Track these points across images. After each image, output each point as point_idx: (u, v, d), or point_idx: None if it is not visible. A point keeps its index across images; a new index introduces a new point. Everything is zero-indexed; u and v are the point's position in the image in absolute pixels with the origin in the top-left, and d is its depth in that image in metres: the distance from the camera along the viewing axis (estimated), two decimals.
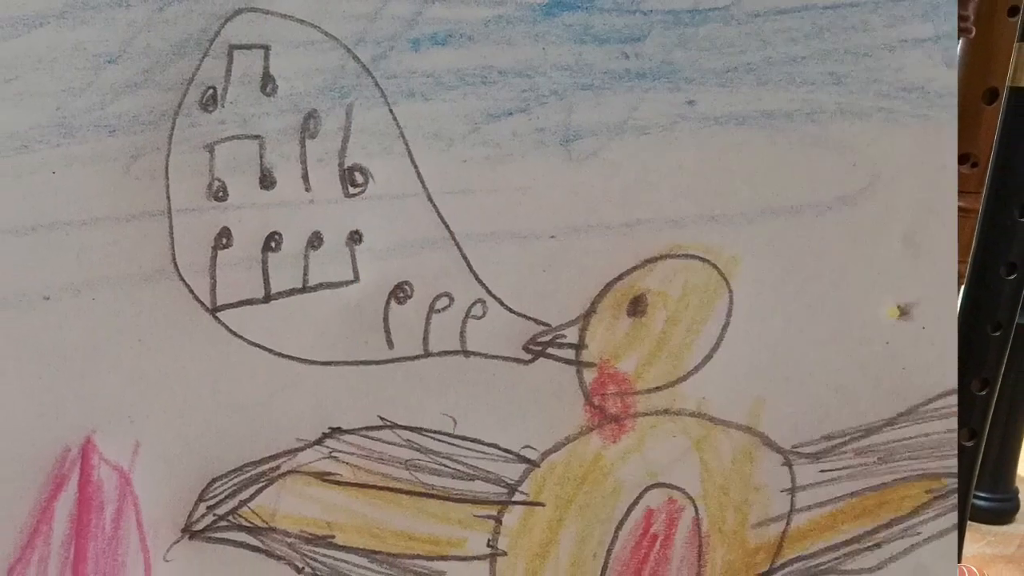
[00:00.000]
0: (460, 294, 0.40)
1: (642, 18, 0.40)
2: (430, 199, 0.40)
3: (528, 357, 0.40)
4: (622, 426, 0.40)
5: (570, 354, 0.40)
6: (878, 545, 0.41)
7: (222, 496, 0.40)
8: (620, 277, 0.40)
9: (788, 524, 0.40)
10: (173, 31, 0.39)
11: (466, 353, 0.40)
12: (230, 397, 0.40)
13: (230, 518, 0.40)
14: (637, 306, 0.40)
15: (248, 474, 0.40)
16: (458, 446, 0.40)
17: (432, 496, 0.40)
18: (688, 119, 0.40)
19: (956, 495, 0.39)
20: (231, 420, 0.40)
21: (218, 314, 0.40)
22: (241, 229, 0.40)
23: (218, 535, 0.40)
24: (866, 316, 0.41)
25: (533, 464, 0.40)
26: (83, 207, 0.40)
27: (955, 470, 0.40)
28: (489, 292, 0.40)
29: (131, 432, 0.40)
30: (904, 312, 0.41)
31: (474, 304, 0.40)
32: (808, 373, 0.40)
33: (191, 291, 0.40)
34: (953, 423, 0.39)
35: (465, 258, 0.40)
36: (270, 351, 0.40)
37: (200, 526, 0.40)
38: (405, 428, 0.40)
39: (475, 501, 0.40)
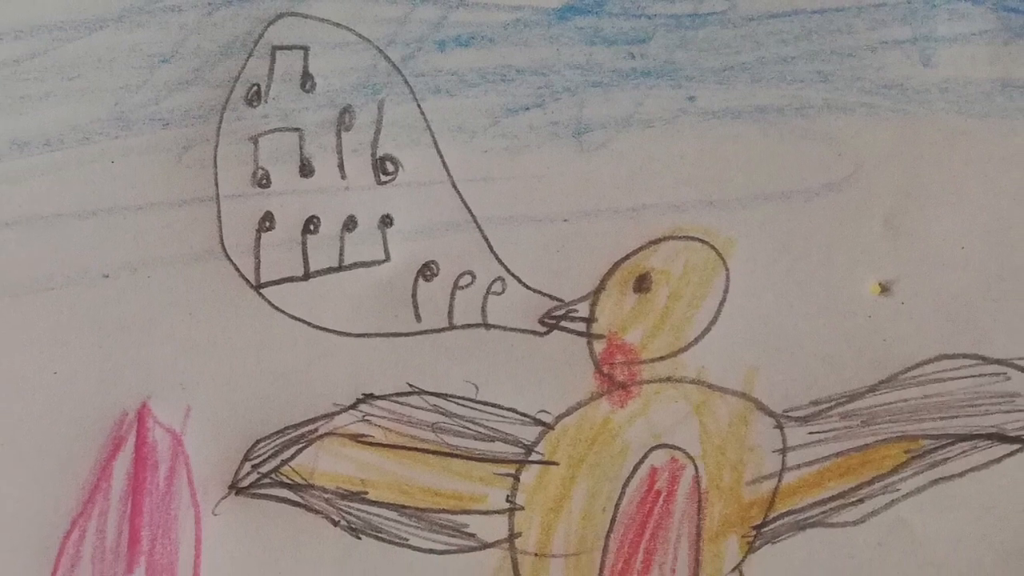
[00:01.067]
0: (481, 272, 0.42)
1: (647, 21, 0.42)
2: (454, 186, 0.42)
3: (543, 330, 0.42)
4: (629, 392, 0.42)
5: (581, 327, 0.42)
6: (861, 500, 0.42)
7: (265, 456, 0.42)
8: (627, 257, 0.42)
9: (779, 481, 0.42)
10: (221, 33, 0.42)
11: (487, 326, 0.42)
12: (272, 366, 0.42)
13: (272, 476, 0.42)
14: (642, 283, 0.42)
15: (289, 436, 0.42)
16: (480, 410, 0.42)
17: (456, 456, 0.42)
18: (688, 113, 0.42)
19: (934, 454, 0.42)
20: (273, 387, 0.42)
21: (262, 291, 0.42)
22: (283, 213, 0.42)
23: (261, 491, 0.42)
24: (850, 292, 0.42)
25: (548, 427, 0.42)
26: (139, 193, 0.42)
27: (933, 432, 0.42)
28: (508, 270, 0.42)
29: (183, 398, 0.42)
30: (885, 289, 0.43)
31: (494, 281, 0.42)
32: (798, 344, 0.42)
33: (237, 270, 0.42)
34: (930, 389, 0.42)
35: (486, 239, 0.42)
36: (309, 324, 0.42)
37: (245, 483, 0.42)
38: (431, 394, 0.42)
39: (495, 460, 0.42)
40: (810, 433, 0.43)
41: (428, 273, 0.43)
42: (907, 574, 0.43)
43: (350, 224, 0.42)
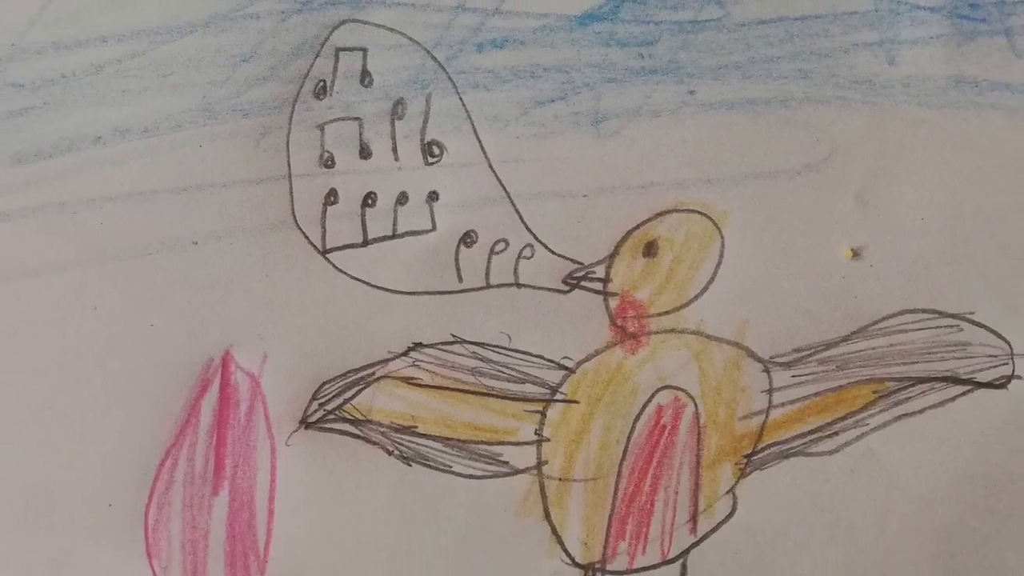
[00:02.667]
0: (514, 240, 0.46)
1: (654, 27, 0.45)
2: (491, 167, 0.45)
3: (566, 288, 0.46)
4: (639, 342, 0.46)
5: (598, 286, 0.46)
6: (836, 433, 0.46)
7: (330, 395, 0.46)
8: (637, 226, 0.46)
9: (767, 417, 0.46)
10: (293, 37, 0.45)
11: (518, 285, 0.46)
12: (336, 319, 0.45)
13: (336, 412, 0.46)
14: (650, 249, 0.45)
15: (350, 379, 0.46)
16: (512, 357, 0.46)
17: (492, 395, 0.46)
18: (690, 105, 0.45)
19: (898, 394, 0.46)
20: (337, 337, 0.45)
21: (327, 255, 0.45)
22: (345, 190, 0.45)
23: (327, 426, 0.46)
24: (827, 257, 0.46)
25: (570, 371, 0.46)
26: (223, 172, 0.45)
27: (896, 375, 0.46)
28: (536, 238, 0.46)
29: (260, 346, 0.46)
30: (856, 254, 0.46)
31: (524, 247, 0.46)
32: (782, 300, 0.45)
33: (306, 237, 0.45)
34: (895, 339, 0.45)
35: (517, 212, 0.45)
36: (367, 284, 0.46)
37: (313, 419, 0.46)
38: (471, 343, 0.46)
39: (525, 399, 0.46)
40: (793, 376, 0.46)
41: (468, 240, 0.46)
42: (875, 496, 0.46)
43: (402, 199, 0.45)
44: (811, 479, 0.46)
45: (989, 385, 0.46)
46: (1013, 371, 0.46)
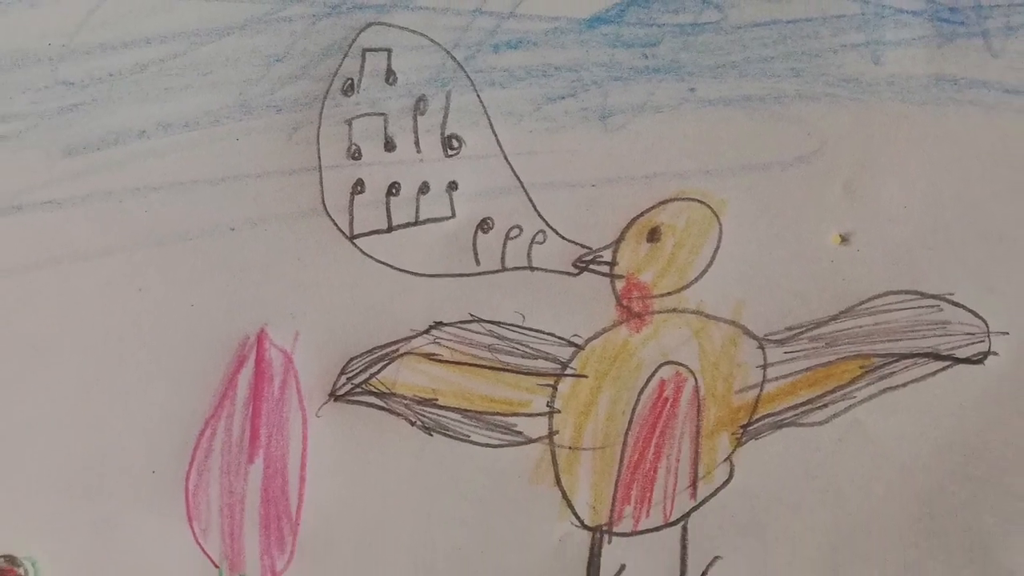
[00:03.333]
0: (527, 226, 0.47)
1: (657, 29, 0.47)
2: (506, 158, 0.47)
3: (576, 271, 0.47)
4: (643, 320, 0.47)
5: (605, 269, 0.47)
6: (825, 405, 0.47)
7: (357, 370, 0.48)
8: (642, 214, 0.47)
9: (761, 390, 0.47)
10: (323, 38, 0.47)
11: (531, 268, 0.47)
12: (363, 299, 0.47)
13: (363, 386, 0.48)
14: (654, 234, 0.47)
15: (376, 355, 0.48)
16: (526, 334, 0.48)
17: (507, 370, 0.47)
18: (690, 101, 0.47)
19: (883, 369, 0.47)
20: (363, 316, 0.47)
21: (355, 240, 0.47)
22: (371, 180, 0.47)
23: (354, 398, 0.48)
24: (817, 242, 0.47)
25: (579, 347, 0.47)
26: (258, 164, 0.47)
27: (881, 352, 0.47)
28: (548, 224, 0.47)
29: (292, 325, 0.47)
30: (844, 239, 0.47)
31: (537, 233, 0.47)
32: (775, 282, 0.47)
33: (335, 224, 0.47)
34: (880, 318, 0.47)
35: (531, 200, 0.47)
36: (391, 267, 0.47)
37: (341, 391, 0.48)
38: (488, 322, 0.47)
39: (538, 374, 0.47)
40: (785, 352, 0.47)
41: (485, 227, 0.47)
42: (861, 464, 0.47)
43: (424, 188, 0.47)
44: (802, 448, 0.48)
45: (967, 361, 0.47)
46: (989, 348, 0.47)
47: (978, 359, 0.47)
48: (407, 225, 0.47)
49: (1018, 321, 0.47)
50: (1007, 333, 0.47)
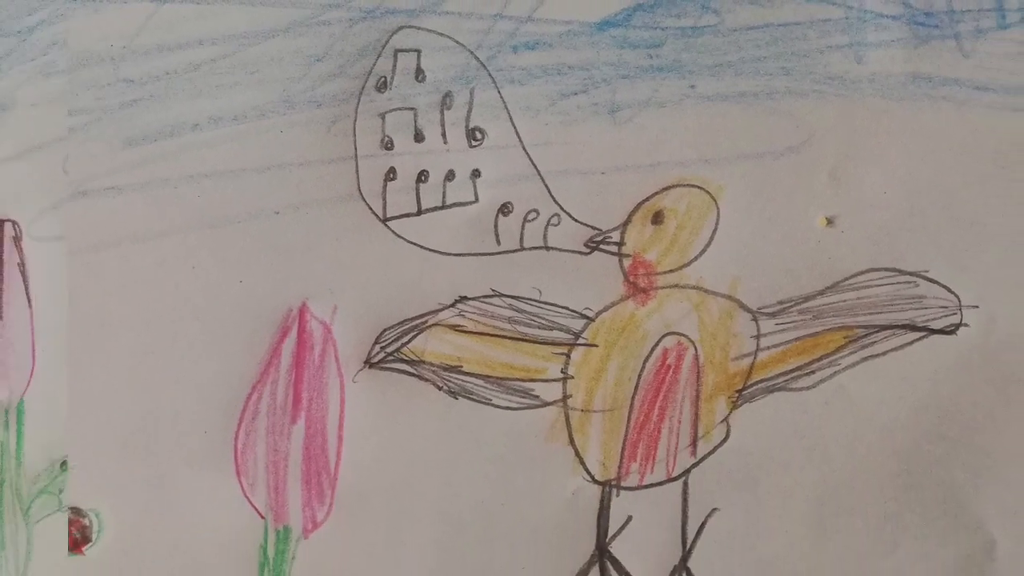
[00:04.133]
0: (543, 210, 0.49)
1: (661, 32, 0.49)
2: (524, 149, 0.49)
3: (587, 250, 0.49)
4: (648, 295, 0.49)
5: (614, 249, 0.49)
6: (812, 372, 0.49)
7: (389, 340, 0.50)
8: (647, 198, 0.49)
9: (755, 358, 0.49)
10: (358, 40, 0.49)
11: (547, 248, 0.49)
12: (394, 276, 0.49)
13: (394, 354, 0.50)
14: (658, 217, 0.49)
15: (406, 326, 0.50)
16: (542, 308, 0.49)
17: (525, 340, 0.49)
18: (691, 97, 0.49)
19: (865, 339, 0.48)
20: (395, 291, 0.49)
21: (387, 223, 0.49)
22: (402, 168, 0.49)
23: (386, 365, 0.50)
24: (805, 225, 0.49)
25: (590, 319, 0.49)
26: (300, 154, 0.49)
27: (864, 323, 0.48)
28: (562, 208, 0.49)
29: (331, 299, 0.50)
30: (830, 222, 0.49)
31: (552, 216, 0.49)
32: (767, 261, 0.49)
33: (370, 208, 0.49)
34: (862, 293, 0.48)
35: (547, 186, 0.49)
36: (421, 246, 0.49)
37: (375, 359, 0.50)
38: (508, 296, 0.49)
39: (553, 343, 0.49)
40: (776, 324, 0.49)
41: (506, 210, 0.49)
42: (845, 425, 0.49)
43: (450, 176, 0.49)
44: (792, 410, 0.49)
45: (941, 331, 0.49)
46: (961, 320, 0.49)
47: (951, 330, 0.49)
48: (435, 209, 0.49)
49: (987, 296, 0.49)
50: (977, 306, 0.49)
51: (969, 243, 0.49)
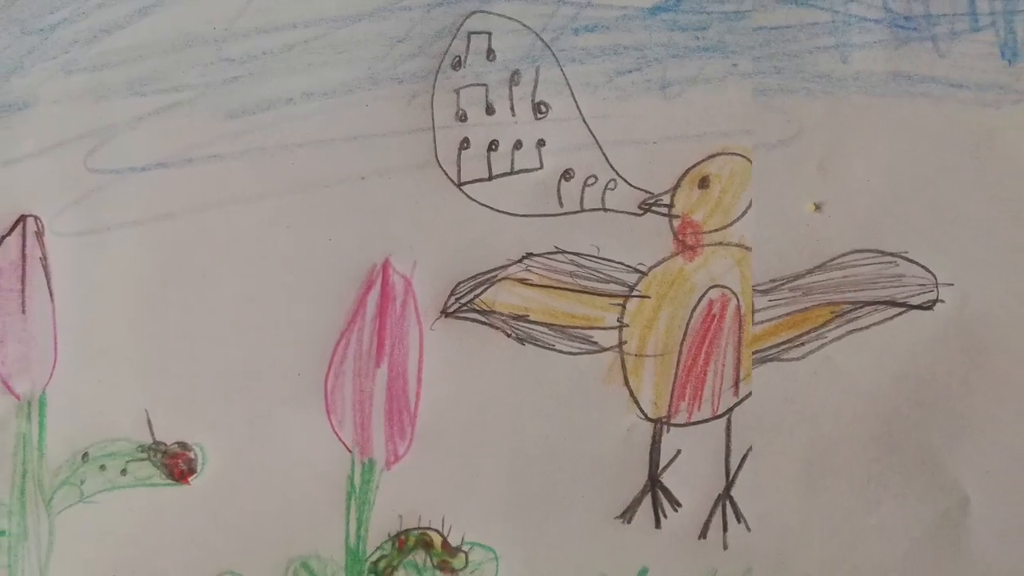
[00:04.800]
0: (601, 175, 0.51)
1: (706, 16, 0.51)
2: (584, 121, 0.51)
3: (641, 212, 0.51)
4: (695, 252, 0.51)
5: (665, 210, 0.51)
6: (802, 344, 0.50)
7: (464, 292, 0.52)
8: (694, 165, 0.51)
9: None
10: (435, 23, 0.51)
11: (605, 210, 0.51)
12: (468, 234, 0.52)
13: (468, 305, 0.52)
14: (704, 182, 0.51)
15: (479, 279, 0.52)
16: (600, 263, 0.51)
17: (585, 292, 0.51)
18: (733, 75, 0.51)
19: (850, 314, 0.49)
20: (469, 248, 0.52)
21: (462, 187, 0.52)
22: (475, 138, 0.51)
23: (461, 315, 0.52)
24: (796, 210, 0.50)
25: (643, 274, 0.51)
26: (384, 126, 0.52)
27: (849, 300, 0.48)
28: (618, 174, 0.51)
29: (411, 255, 0.52)
30: (818, 208, 0.50)
31: (609, 181, 0.51)
32: (762, 243, 0.50)
33: (446, 174, 0.52)
34: (847, 272, 0.49)
35: (604, 155, 0.51)
36: (492, 208, 0.52)
37: (451, 309, 0.52)
38: (569, 252, 0.51)
39: (610, 295, 0.51)
40: (769, 300, 0.51)
41: (568, 176, 0.51)
42: (832, 391, 0.51)
43: (518, 145, 0.51)
44: (783, 379, 0.51)
45: (919, 307, 0.50)
46: (937, 296, 0.50)
47: (928, 306, 0.50)
48: (504, 175, 0.51)
49: (961, 274, 0.50)
50: (952, 284, 0.50)
51: (945, 226, 0.50)
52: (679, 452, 0.52)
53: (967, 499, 0.51)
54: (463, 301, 0.52)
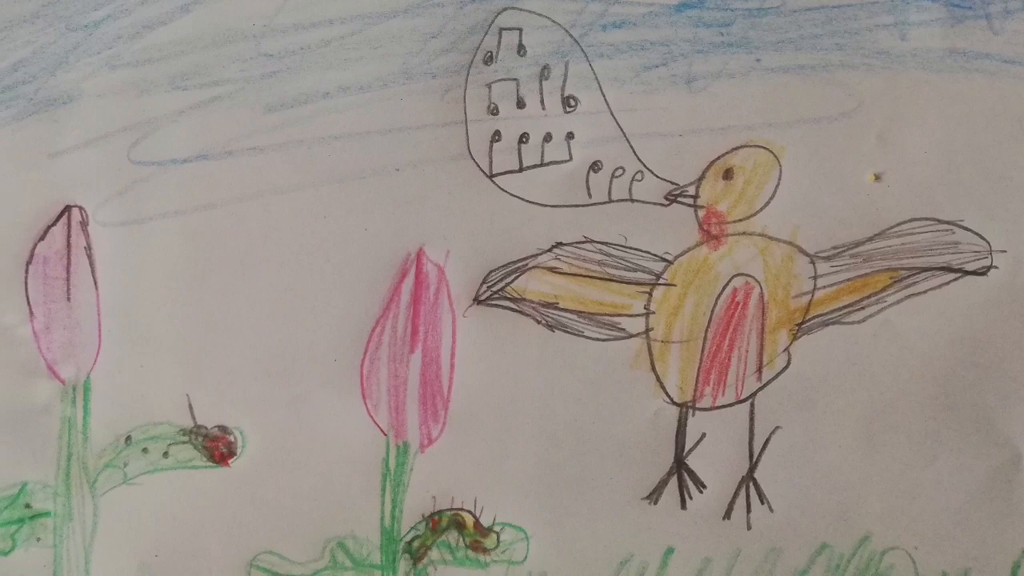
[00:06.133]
0: (629, 167, 0.52)
1: (730, 13, 0.52)
2: (612, 114, 0.52)
3: (667, 203, 0.52)
4: (719, 241, 0.52)
5: (690, 201, 0.52)
6: (862, 308, 0.51)
7: (495, 280, 0.53)
8: (719, 157, 0.51)
9: (812, 296, 0.51)
10: (467, 20, 0.52)
11: (632, 200, 0.52)
12: (499, 224, 0.53)
13: (499, 293, 0.53)
14: (728, 174, 0.51)
15: (510, 268, 0.53)
16: (627, 252, 0.52)
17: (613, 280, 0.52)
18: (756, 70, 0.51)
19: (908, 280, 0.50)
20: (500, 237, 0.52)
21: (493, 179, 0.53)
22: (506, 131, 0.52)
23: (492, 302, 0.53)
24: (856, 180, 0.51)
25: (669, 262, 0.52)
26: (417, 119, 0.53)
27: (907, 266, 0.50)
28: (645, 166, 0.52)
29: (444, 244, 0.53)
30: (877, 178, 0.51)
31: (636, 173, 0.52)
32: (824, 212, 0.51)
33: (478, 166, 0.53)
34: (906, 239, 0.50)
35: (631, 147, 0.52)
36: (522, 199, 0.53)
37: (483, 297, 0.53)
38: (598, 242, 0.52)
39: (637, 283, 0.52)
40: (831, 266, 0.52)
41: (596, 168, 0.52)
42: (890, 354, 0.52)
43: (548, 137, 0.52)
44: (844, 342, 0.52)
45: (974, 272, 0.51)
46: (991, 263, 0.51)
47: (982, 271, 0.51)
48: (534, 166, 0.52)
49: (1014, 241, 0.51)
50: (1005, 251, 0.51)
51: (998, 196, 0.51)
52: (704, 435, 0.54)
53: (1019, 455, 0.52)
54: (495, 289, 0.53)
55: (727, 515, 0.54)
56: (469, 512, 0.54)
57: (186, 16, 0.54)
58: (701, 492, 0.54)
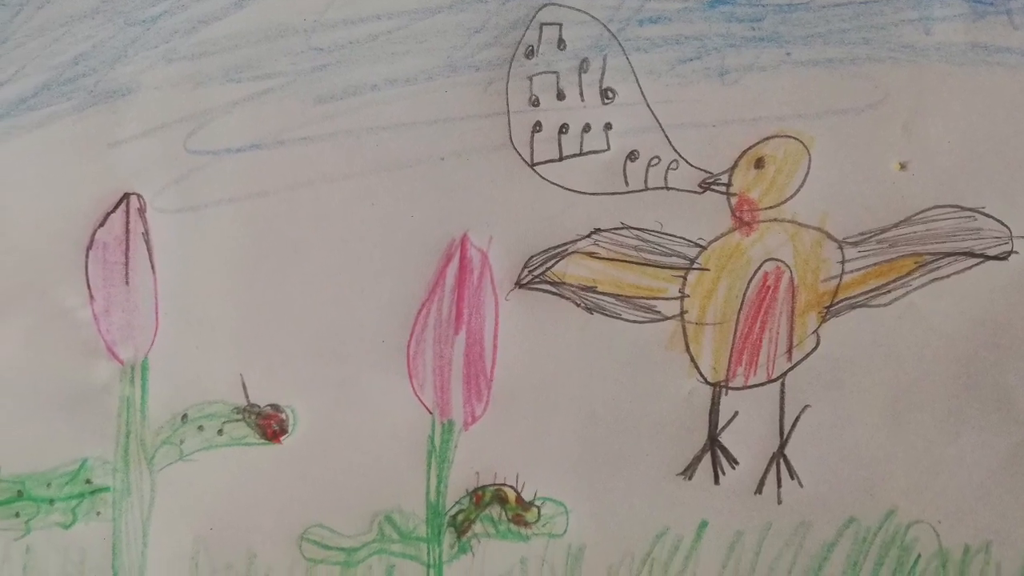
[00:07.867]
0: (664, 156, 0.53)
1: (762, 9, 0.53)
2: (648, 106, 0.53)
3: (701, 191, 0.53)
4: (751, 227, 0.53)
5: (723, 189, 0.53)
6: (889, 291, 0.52)
7: (536, 265, 0.54)
8: (751, 147, 0.53)
9: (840, 280, 0.52)
10: (510, 15, 0.53)
11: (667, 188, 0.53)
12: (540, 212, 0.54)
13: (540, 277, 0.54)
14: (759, 163, 0.52)
15: (550, 253, 0.54)
16: (663, 238, 0.53)
17: (649, 264, 0.53)
18: (787, 63, 0.52)
19: (932, 264, 0.52)
20: (540, 224, 0.54)
21: (534, 167, 0.54)
22: (546, 121, 0.53)
23: (534, 286, 0.54)
24: (882, 169, 0.52)
25: (703, 248, 0.53)
26: (461, 110, 0.54)
27: (931, 251, 0.51)
28: (679, 155, 0.53)
29: (487, 230, 0.54)
30: (903, 166, 0.52)
31: (672, 162, 0.53)
32: (851, 199, 0.52)
33: (520, 155, 0.54)
34: (930, 225, 0.51)
35: (667, 137, 0.53)
36: (562, 187, 0.54)
37: (524, 281, 0.54)
38: (634, 228, 0.53)
39: (672, 267, 0.53)
40: (858, 251, 0.53)
41: (633, 157, 0.53)
42: (915, 335, 0.53)
43: (586, 128, 0.53)
44: (871, 324, 0.53)
45: (995, 258, 0.52)
46: (1012, 248, 0.52)
47: (1003, 256, 0.52)
48: (574, 156, 0.53)
49: None
50: None
51: (1019, 183, 0.52)
52: (736, 413, 0.55)
53: None
54: (536, 273, 0.54)
55: (758, 490, 0.55)
56: (511, 487, 0.56)
57: (240, 12, 0.56)
58: (734, 468, 0.55)
